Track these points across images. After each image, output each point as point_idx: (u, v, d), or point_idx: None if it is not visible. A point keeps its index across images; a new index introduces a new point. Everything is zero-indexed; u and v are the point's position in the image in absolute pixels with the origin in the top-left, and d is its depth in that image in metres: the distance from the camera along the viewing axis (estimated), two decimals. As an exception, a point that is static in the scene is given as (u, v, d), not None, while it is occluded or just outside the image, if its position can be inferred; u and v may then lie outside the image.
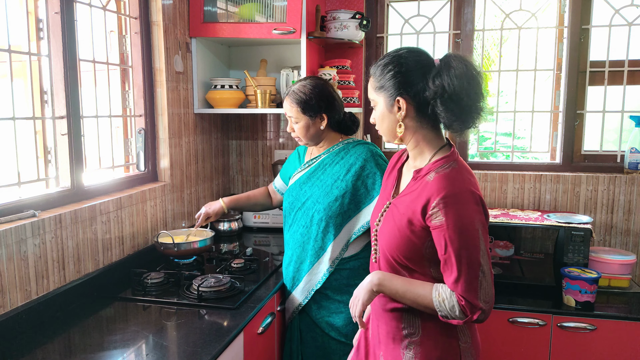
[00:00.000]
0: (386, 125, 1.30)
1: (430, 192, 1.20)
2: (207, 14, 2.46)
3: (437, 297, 1.20)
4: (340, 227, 1.85)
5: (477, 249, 1.17)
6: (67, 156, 1.78)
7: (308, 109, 1.85)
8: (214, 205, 2.11)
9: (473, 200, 1.18)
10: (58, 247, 1.65)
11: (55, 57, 1.74)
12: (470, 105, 1.20)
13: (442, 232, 1.17)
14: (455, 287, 1.18)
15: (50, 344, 1.45)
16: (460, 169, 1.24)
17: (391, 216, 1.31)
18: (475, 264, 1.16)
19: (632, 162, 2.50)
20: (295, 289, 1.93)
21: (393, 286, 1.26)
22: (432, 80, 1.20)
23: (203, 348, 1.40)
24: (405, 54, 1.26)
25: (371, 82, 1.31)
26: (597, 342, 2.05)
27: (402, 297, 1.25)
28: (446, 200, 1.17)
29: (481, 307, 1.16)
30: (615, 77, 2.60)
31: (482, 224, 1.19)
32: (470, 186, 1.20)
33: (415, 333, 1.29)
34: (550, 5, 2.71)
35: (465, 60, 1.20)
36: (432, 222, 1.19)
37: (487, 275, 1.18)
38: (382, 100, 1.28)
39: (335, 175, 1.87)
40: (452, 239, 1.16)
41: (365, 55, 2.88)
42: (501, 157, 2.96)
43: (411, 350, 1.28)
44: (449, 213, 1.16)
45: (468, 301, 1.16)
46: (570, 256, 2.20)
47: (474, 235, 1.17)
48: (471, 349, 1.29)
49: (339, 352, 1.87)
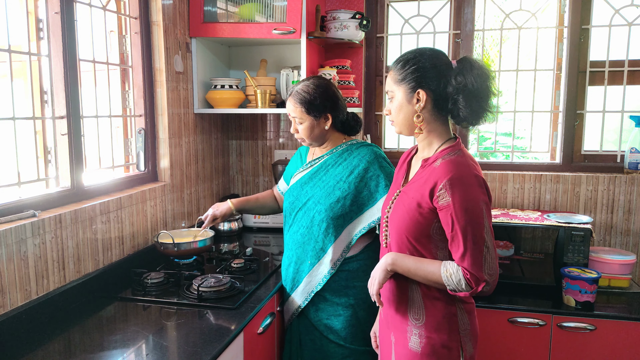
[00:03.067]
0: (403, 115, 1.40)
1: (437, 176, 1.31)
2: (207, 14, 2.46)
3: (445, 272, 1.31)
4: (341, 229, 1.84)
5: (482, 226, 1.28)
6: (67, 156, 1.78)
7: (313, 109, 1.83)
8: (222, 206, 2.08)
9: (477, 183, 1.30)
10: (58, 247, 1.65)
11: (55, 57, 1.74)
12: (486, 102, 1.34)
13: (449, 211, 1.28)
14: (462, 262, 1.29)
15: (50, 344, 1.45)
16: (465, 156, 1.35)
17: (401, 202, 1.41)
18: (480, 240, 1.27)
19: (632, 162, 2.50)
20: (295, 290, 1.91)
21: (405, 265, 1.37)
22: (454, 78, 1.33)
23: (203, 348, 1.41)
24: (427, 52, 1.38)
25: (392, 74, 1.41)
26: (597, 342, 2.05)
27: (414, 274, 1.37)
28: (452, 182, 1.28)
29: (485, 279, 1.28)
30: (615, 77, 2.60)
31: (486, 203, 1.31)
32: (474, 170, 1.32)
33: (419, 319, 1.40)
34: (550, 5, 2.71)
35: (482, 62, 1.35)
36: (439, 203, 1.30)
37: (491, 250, 1.30)
38: (402, 92, 1.38)
39: (338, 176, 1.86)
40: (458, 217, 1.27)
41: (365, 55, 2.88)
42: (501, 157, 2.96)
43: (416, 335, 1.40)
44: (455, 194, 1.27)
45: (473, 274, 1.27)
46: (570, 256, 2.20)
47: (478, 214, 1.28)
48: (469, 335, 1.41)
49: (338, 355, 1.85)
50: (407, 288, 1.42)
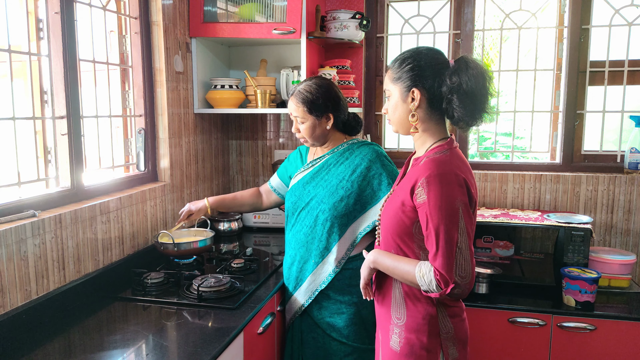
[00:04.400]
0: (398, 114, 1.40)
1: (418, 174, 1.32)
2: (207, 14, 2.46)
3: (418, 272, 1.29)
4: (345, 228, 1.84)
5: (456, 226, 1.25)
6: (67, 156, 1.78)
7: (315, 109, 1.84)
8: (198, 203, 2.11)
9: (456, 181, 1.27)
10: (58, 247, 1.65)
11: (55, 57, 1.74)
12: (482, 102, 1.32)
13: (425, 209, 1.27)
14: (434, 261, 1.27)
15: (50, 344, 1.45)
16: (452, 156, 1.33)
17: (391, 201, 1.43)
18: (452, 241, 1.25)
19: (632, 162, 2.50)
20: (298, 289, 1.92)
21: (384, 263, 1.39)
22: (449, 77, 1.31)
23: (203, 348, 1.41)
24: (424, 51, 1.37)
25: (389, 73, 1.41)
26: (597, 342, 2.05)
27: (393, 272, 1.38)
28: (429, 180, 1.27)
29: (455, 281, 1.24)
30: (615, 77, 2.60)
31: (464, 203, 1.27)
32: (455, 169, 1.29)
33: (401, 318, 1.40)
34: (550, 5, 2.71)
35: (479, 62, 1.32)
36: (417, 201, 1.30)
37: (464, 252, 1.26)
38: (397, 91, 1.38)
39: (341, 175, 1.86)
40: (432, 216, 1.26)
41: (365, 55, 2.88)
42: (501, 157, 2.96)
43: (396, 334, 1.41)
44: (431, 191, 1.26)
45: (443, 275, 1.24)
46: (570, 256, 2.20)
47: (453, 213, 1.25)
48: (453, 339, 1.38)
49: (340, 353, 1.86)
50: (390, 286, 1.43)
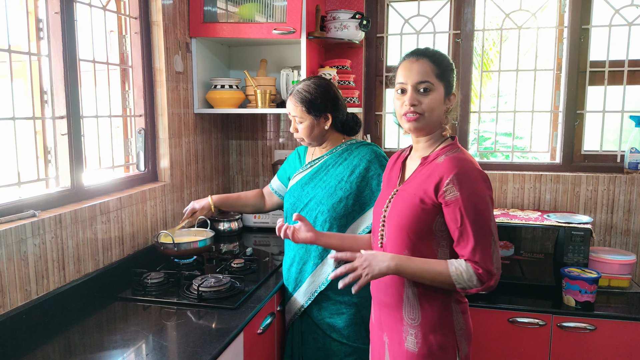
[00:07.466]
0: (437, 113, 1.40)
1: (442, 171, 1.33)
2: (207, 14, 2.46)
3: (454, 271, 1.30)
4: (344, 228, 1.84)
5: (490, 219, 1.31)
6: (67, 156, 1.78)
7: (313, 109, 1.84)
8: (202, 201, 2.11)
9: (481, 178, 1.33)
10: (58, 247, 1.65)
11: (55, 57, 1.74)
12: None
13: (457, 205, 1.29)
14: (472, 256, 1.29)
15: (50, 344, 1.45)
16: (465, 153, 1.39)
17: (401, 199, 1.41)
18: (488, 233, 1.30)
19: (632, 162, 2.50)
20: (297, 290, 1.91)
21: (410, 269, 1.33)
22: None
23: (203, 348, 1.40)
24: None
25: (430, 65, 1.37)
26: (597, 342, 2.05)
27: (420, 277, 1.34)
28: (459, 177, 1.30)
29: (495, 272, 1.29)
30: (615, 77, 2.60)
31: (490, 198, 1.33)
32: (476, 166, 1.36)
33: (415, 319, 1.40)
34: (550, 5, 2.71)
35: None
36: (445, 198, 1.31)
37: (497, 244, 1.33)
38: (442, 90, 1.39)
39: (339, 176, 1.86)
40: (467, 211, 1.29)
41: (365, 55, 2.88)
42: (501, 157, 2.96)
43: (412, 335, 1.40)
44: (463, 188, 1.29)
45: (485, 269, 1.28)
46: (570, 256, 2.20)
47: (486, 207, 1.30)
48: (464, 334, 1.41)
49: (340, 353, 1.86)
50: (402, 288, 1.41)
